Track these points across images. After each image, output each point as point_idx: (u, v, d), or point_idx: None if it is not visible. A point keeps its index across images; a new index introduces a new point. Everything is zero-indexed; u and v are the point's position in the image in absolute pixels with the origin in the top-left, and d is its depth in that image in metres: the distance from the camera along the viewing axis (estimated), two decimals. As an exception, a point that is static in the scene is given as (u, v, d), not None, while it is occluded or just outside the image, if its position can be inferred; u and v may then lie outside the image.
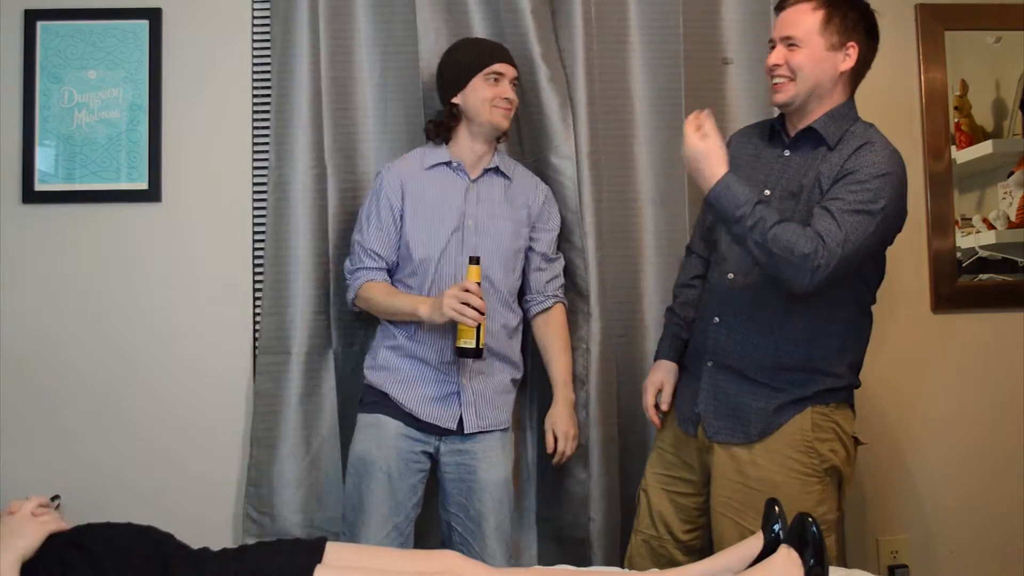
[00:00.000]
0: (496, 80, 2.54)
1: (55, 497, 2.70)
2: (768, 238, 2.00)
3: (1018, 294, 3.13)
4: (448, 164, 2.59)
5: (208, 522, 2.78)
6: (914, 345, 3.07)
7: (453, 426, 2.51)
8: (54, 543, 1.77)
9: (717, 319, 2.27)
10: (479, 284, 2.38)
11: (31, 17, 2.84)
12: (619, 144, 2.88)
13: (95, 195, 2.85)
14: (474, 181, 2.60)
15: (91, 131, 2.86)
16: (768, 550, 1.86)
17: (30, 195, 2.83)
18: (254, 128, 2.89)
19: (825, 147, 2.17)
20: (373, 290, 2.55)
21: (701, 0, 2.91)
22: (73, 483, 2.75)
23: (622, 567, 2.42)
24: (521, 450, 2.80)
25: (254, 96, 2.90)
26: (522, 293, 2.69)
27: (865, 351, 2.28)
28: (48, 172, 2.84)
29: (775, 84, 2.21)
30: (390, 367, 2.55)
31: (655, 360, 2.52)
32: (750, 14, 2.91)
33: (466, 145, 2.60)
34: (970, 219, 3.15)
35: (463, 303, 2.34)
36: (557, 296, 2.69)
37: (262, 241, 2.83)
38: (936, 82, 3.12)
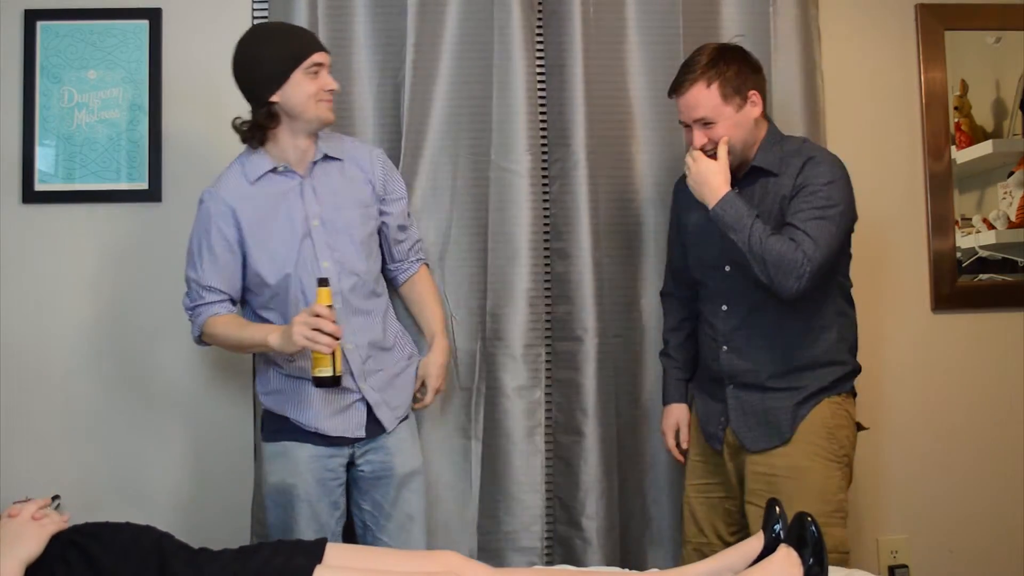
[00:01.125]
0: (317, 72, 2.34)
1: (55, 497, 2.70)
2: (764, 247, 2.21)
3: (1018, 294, 3.13)
4: (274, 170, 2.39)
5: (210, 522, 2.78)
6: (914, 345, 3.07)
7: (362, 434, 2.41)
8: (53, 543, 1.76)
9: (726, 347, 2.43)
10: (331, 307, 2.21)
11: (31, 17, 2.84)
12: (618, 144, 2.88)
13: (95, 195, 2.84)
14: (305, 178, 2.41)
15: (91, 131, 2.86)
16: (769, 550, 1.87)
17: (30, 195, 2.83)
18: (254, 128, 2.89)
19: (770, 175, 2.36)
20: (219, 325, 2.37)
21: (700, 1, 2.91)
22: (73, 483, 2.75)
23: (622, 567, 2.43)
24: (465, 459, 2.78)
25: (254, 96, 2.90)
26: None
27: (857, 335, 2.47)
28: (48, 172, 2.84)
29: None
30: (285, 390, 2.41)
31: (664, 404, 2.68)
32: (749, 15, 2.91)
33: (288, 143, 2.39)
34: (970, 219, 3.15)
35: (315, 329, 2.17)
36: (420, 259, 2.64)
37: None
38: (936, 82, 3.12)
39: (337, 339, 2.21)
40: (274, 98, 2.34)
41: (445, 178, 2.81)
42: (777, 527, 1.89)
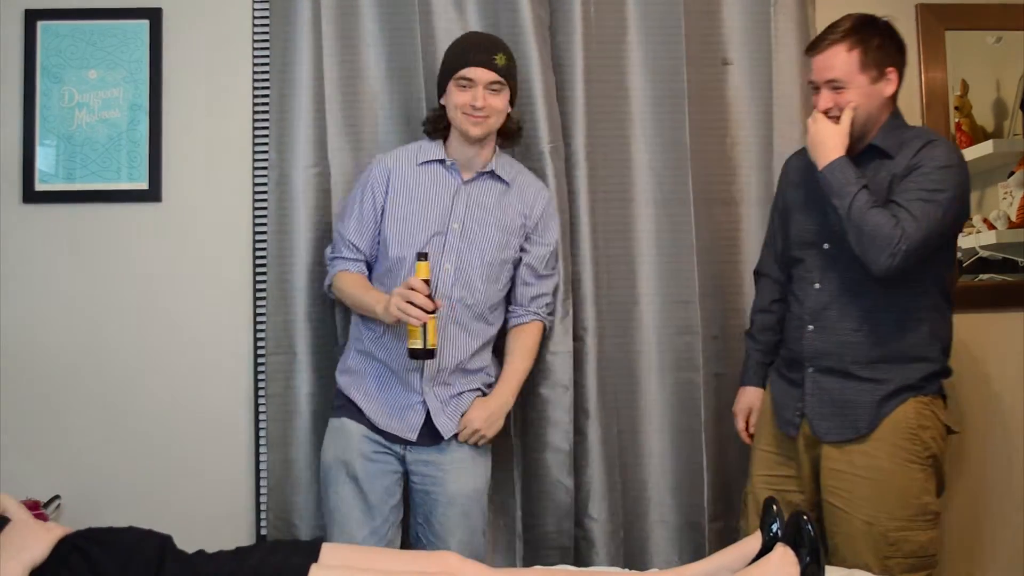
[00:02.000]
0: (466, 86, 2.42)
1: (55, 497, 2.72)
2: (864, 217, 2.16)
3: (1018, 294, 3.13)
4: (442, 162, 2.51)
5: (212, 523, 2.76)
6: (914, 345, 3.06)
7: (413, 437, 2.43)
8: (56, 547, 1.76)
9: (811, 327, 2.37)
10: (427, 281, 2.29)
11: (31, 17, 2.85)
12: (618, 144, 2.87)
13: (95, 195, 2.85)
14: (467, 183, 2.51)
15: (91, 131, 2.86)
16: (767, 549, 1.87)
17: (30, 195, 2.83)
18: (255, 128, 2.89)
19: (887, 157, 2.30)
20: (346, 281, 2.49)
21: (701, 0, 2.91)
22: (73, 483, 2.76)
23: (624, 567, 2.43)
24: (506, 457, 2.76)
25: (255, 96, 2.90)
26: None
27: (952, 336, 2.38)
28: (48, 172, 2.85)
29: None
30: (356, 371, 2.50)
31: (741, 386, 2.65)
32: (750, 14, 2.92)
33: (456, 145, 2.51)
34: (971, 219, 3.14)
35: (408, 301, 2.25)
36: (538, 315, 2.59)
37: (263, 241, 2.83)
38: (936, 82, 3.12)
39: (430, 312, 2.27)
40: (442, 101, 2.51)
41: None
42: (775, 526, 1.88)
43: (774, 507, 1.91)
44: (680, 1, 2.88)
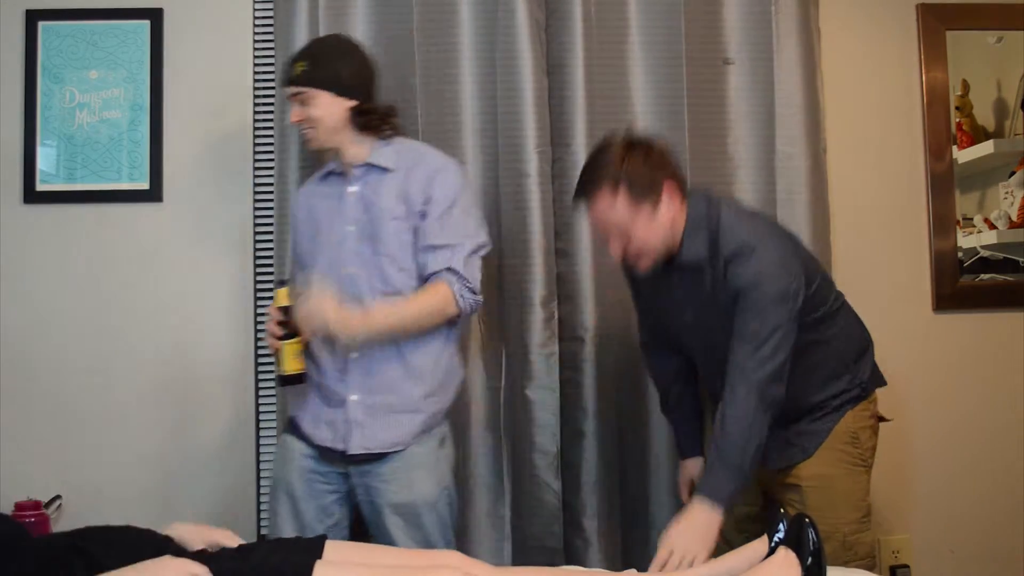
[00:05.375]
0: (292, 102, 2.37)
1: (56, 497, 2.71)
2: (749, 442, 2.06)
3: (1019, 294, 3.14)
4: (333, 172, 2.45)
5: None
6: (915, 345, 3.07)
7: (343, 446, 2.30)
8: (55, 547, 1.76)
9: None
10: (285, 308, 2.23)
11: (32, 17, 2.85)
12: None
13: (96, 195, 2.85)
14: (351, 183, 2.38)
15: (92, 131, 2.86)
16: (771, 553, 1.87)
17: (31, 195, 2.83)
18: (255, 128, 2.89)
19: (700, 269, 2.16)
20: None
21: (702, 0, 2.91)
22: (73, 483, 2.75)
23: (624, 568, 2.43)
24: (494, 458, 2.78)
25: (255, 95, 2.90)
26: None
27: (861, 335, 2.32)
28: (49, 172, 2.84)
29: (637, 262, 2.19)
30: (295, 389, 2.39)
31: (681, 458, 2.55)
32: (751, 14, 2.92)
33: (335, 152, 2.42)
34: (971, 219, 3.15)
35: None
36: (439, 276, 2.29)
37: (263, 241, 2.84)
38: (937, 82, 3.12)
39: (280, 338, 2.25)
40: None
41: None
42: (780, 528, 1.89)
43: (780, 511, 1.91)
44: (680, 1, 2.88)
